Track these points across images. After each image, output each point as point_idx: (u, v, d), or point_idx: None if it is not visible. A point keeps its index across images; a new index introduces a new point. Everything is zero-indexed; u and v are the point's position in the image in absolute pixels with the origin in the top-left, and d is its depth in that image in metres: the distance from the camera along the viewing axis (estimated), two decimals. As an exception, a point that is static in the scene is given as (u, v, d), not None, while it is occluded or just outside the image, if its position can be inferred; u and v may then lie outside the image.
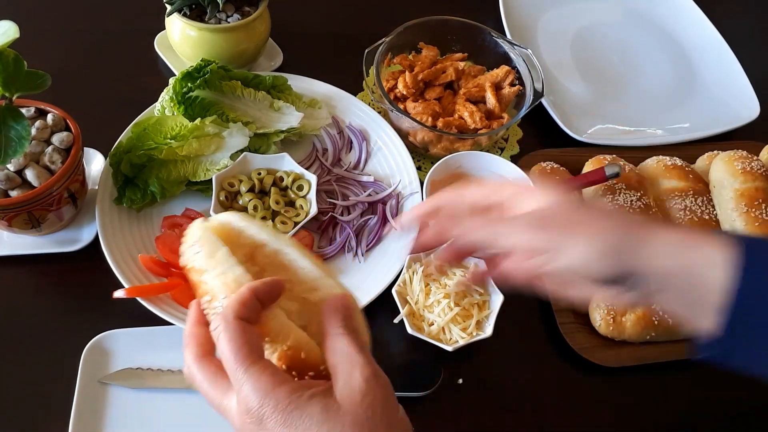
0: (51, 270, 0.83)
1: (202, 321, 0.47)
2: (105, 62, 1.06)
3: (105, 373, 0.75)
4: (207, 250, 0.48)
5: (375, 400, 0.40)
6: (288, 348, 0.44)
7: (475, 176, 0.93)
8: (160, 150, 0.83)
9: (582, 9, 1.27)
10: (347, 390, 0.40)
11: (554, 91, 1.11)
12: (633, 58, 1.21)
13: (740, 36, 1.26)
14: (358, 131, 0.98)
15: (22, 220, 0.76)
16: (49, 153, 0.76)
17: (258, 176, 0.87)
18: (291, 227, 0.83)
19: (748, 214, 0.84)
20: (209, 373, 0.44)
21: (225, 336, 0.41)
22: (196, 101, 0.86)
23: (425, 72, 1.00)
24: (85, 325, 0.77)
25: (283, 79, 0.96)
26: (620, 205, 0.87)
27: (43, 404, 0.73)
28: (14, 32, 0.68)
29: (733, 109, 1.13)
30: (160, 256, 0.82)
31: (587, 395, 0.82)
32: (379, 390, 0.40)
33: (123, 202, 0.83)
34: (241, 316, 0.42)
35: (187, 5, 0.93)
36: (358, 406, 0.39)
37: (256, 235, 0.51)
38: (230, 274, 0.46)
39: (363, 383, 0.40)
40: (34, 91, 0.70)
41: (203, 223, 0.50)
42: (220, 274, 0.46)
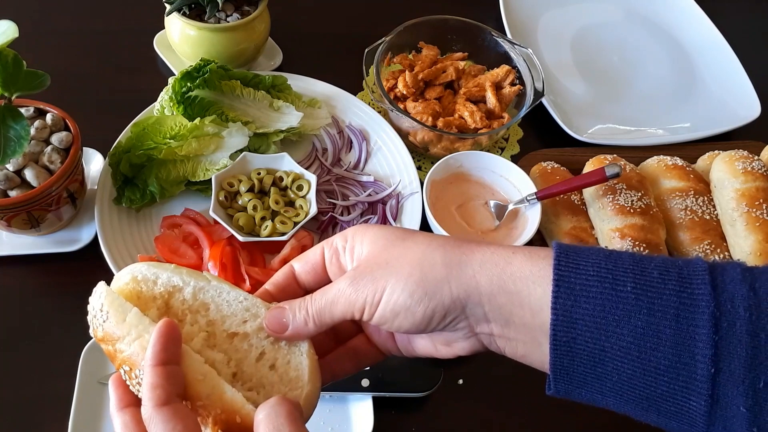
0: (50, 270, 0.83)
1: (128, 401, 0.44)
2: (104, 62, 1.06)
3: (105, 373, 0.74)
4: (115, 316, 0.44)
5: None
6: (221, 412, 0.42)
7: (475, 176, 0.93)
8: (160, 150, 0.83)
9: (582, 9, 1.26)
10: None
11: (555, 91, 1.11)
12: (633, 57, 1.21)
13: (741, 35, 1.26)
14: (358, 131, 0.98)
15: (22, 220, 0.76)
16: (49, 153, 0.76)
17: (257, 176, 0.86)
18: (291, 227, 0.83)
19: (749, 214, 0.84)
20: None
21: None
22: (195, 101, 0.86)
23: (425, 71, 1.00)
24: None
25: (283, 79, 0.96)
26: (621, 205, 0.86)
27: (43, 404, 0.73)
28: (14, 32, 0.68)
29: (733, 108, 1.13)
30: (159, 256, 0.81)
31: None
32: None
33: (122, 202, 0.83)
34: (160, 400, 0.40)
35: (186, 5, 0.93)
36: None
37: (169, 281, 0.48)
38: (146, 336, 0.43)
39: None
40: (34, 91, 0.70)
41: (105, 287, 0.46)
42: (136, 338, 0.43)
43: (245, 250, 0.83)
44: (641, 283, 0.40)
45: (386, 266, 0.44)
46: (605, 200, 0.87)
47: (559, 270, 0.41)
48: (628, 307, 0.40)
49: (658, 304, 0.39)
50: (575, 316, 0.40)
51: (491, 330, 0.44)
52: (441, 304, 0.43)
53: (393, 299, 0.43)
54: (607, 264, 0.41)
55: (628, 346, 0.40)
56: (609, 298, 0.40)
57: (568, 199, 0.91)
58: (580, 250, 0.43)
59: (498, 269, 0.43)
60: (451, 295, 0.43)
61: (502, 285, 0.42)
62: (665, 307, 0.39)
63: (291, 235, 0.82)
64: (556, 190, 0.87)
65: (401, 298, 0.43)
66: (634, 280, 0.40)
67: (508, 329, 0.43)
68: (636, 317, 0.39)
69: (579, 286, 0.41)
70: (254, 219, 0.83)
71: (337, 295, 0.45)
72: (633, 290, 0.40)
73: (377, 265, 0.45)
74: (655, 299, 0.40)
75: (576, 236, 0.88)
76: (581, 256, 0.42)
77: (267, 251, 0.85)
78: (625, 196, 0.87)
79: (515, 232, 0.88)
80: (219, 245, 0.80)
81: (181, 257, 0.81)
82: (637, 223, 0.86)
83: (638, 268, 0.41)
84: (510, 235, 0.88)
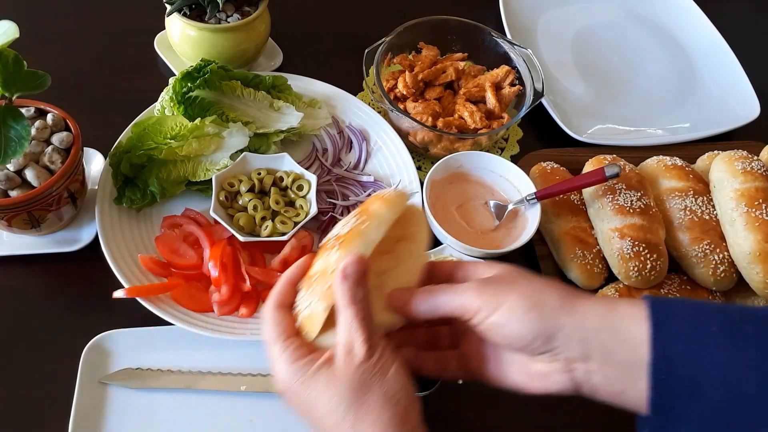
0: (51, 270, 0.83)
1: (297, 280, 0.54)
2: (105, 62, 1.06)
3: (105, 374, 0.75)
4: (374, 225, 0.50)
5: (365, 371, 0.47)
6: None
7: (475, 176, 0.93)
8: (160, 150, 0.83)
9: (582, 9, 1.27)
10: (343, 362, 0.47)
11: (554, 91, 1.11)
12: (633, 57, 1.21)
13: (740, 36, 1.26)
14: (358, 131, 0.98)
15: (22, 220, 0.76)
16: (49, 153, 0.76)
17: (258, 176, 0.87)
18: (291, 227, 0.83)
19: (749, 214, 0.84)
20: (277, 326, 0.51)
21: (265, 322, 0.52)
22: (195, 101, 0.86)
23: (425, 72, 1.00)
24: (85, 325, 0.77)
25: (283, 79, 0.96)
26: (620, 205, 0.87)
27: (43, 404, 0.73)
28: (14, 32, 0.68)
29: (733, 108, 1.13)
30: (160, 256, 0.82)
31: (587, 395, 0.82)
32: (371, 362, 0.47)
33: (123, 202, 0.83)
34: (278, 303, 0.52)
35: (187, 5, 0.93)
36: (352, 375, 0.47)
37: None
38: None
39: (358, 356, 0.47)
40: (34, 91, 0.70)
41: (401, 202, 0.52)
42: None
43: (245, 250, 0.83)
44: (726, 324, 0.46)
45: (512, 285, 0.50)
46: (605, 200, 0.87)
47: (655, 311, 0.47)
48: (716, 342, 0.45)
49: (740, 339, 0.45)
50: (671, 353, 0.45)
51: (589, 367, 0.48)
52: (549, 327, 0.48)
53: (510, 310, 0.48)
54: (695, 308, 0.48)
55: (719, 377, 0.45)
56: (699, 338, 0.46)
57: (568, 199, 0.91)
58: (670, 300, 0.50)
59: (604, 309, 0.48)
60: (560, 323, 0.48)
61: (607, 323, 0.48)
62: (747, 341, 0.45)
63: (291, 235, 0.82)
64: (555, 189, 0.87)
65: (518, 312, 0.48)
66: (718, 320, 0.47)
67: (606, 366, 0.48)
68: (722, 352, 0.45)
69: (674, 327, 0.46)
70: (254, 219, 0.83)
71: (461, 290, 0.50)
72: (719, 330, 0.46)
73: (504, 282, 0.50)
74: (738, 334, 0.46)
75: (576, 236, 0.88)
76: (673, 302, 0.49)
77: (267, 251, 0.85)
78: (624, 196, 0.87)
79: (515, 232, 0.88)
80: (219, 245, 0.80)
81: (182, 257, 0.81)
82: (637, 223, 0.86)
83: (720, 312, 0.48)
84: (510, 235, 0.88)
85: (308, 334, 0.50)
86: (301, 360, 0.48)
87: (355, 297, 0.47)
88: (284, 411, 0.75)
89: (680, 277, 0.88)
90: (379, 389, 0.47)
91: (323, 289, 0.49)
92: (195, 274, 0.81)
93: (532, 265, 0.90)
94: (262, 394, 0.75)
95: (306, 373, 0.48)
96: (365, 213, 0.52)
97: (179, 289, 0.78)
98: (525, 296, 0.49)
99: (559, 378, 0.50)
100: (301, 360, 0.48)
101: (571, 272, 0.88)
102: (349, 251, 0.48)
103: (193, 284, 0.80)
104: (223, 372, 0.76)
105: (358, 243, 0.49)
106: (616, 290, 0.86)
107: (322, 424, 0.48)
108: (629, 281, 0.85)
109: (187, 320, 0.76)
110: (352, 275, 0.47)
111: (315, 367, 0.48)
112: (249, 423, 0.74)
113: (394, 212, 0.51)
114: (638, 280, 0.85)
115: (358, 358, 0.47)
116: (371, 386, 0.47)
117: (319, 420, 0.48)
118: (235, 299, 0.79)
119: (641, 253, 0.84)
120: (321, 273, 0.50)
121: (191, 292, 0.79)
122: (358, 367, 0.47)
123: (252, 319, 0.78)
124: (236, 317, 0.78)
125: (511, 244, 0.84)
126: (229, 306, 0.78)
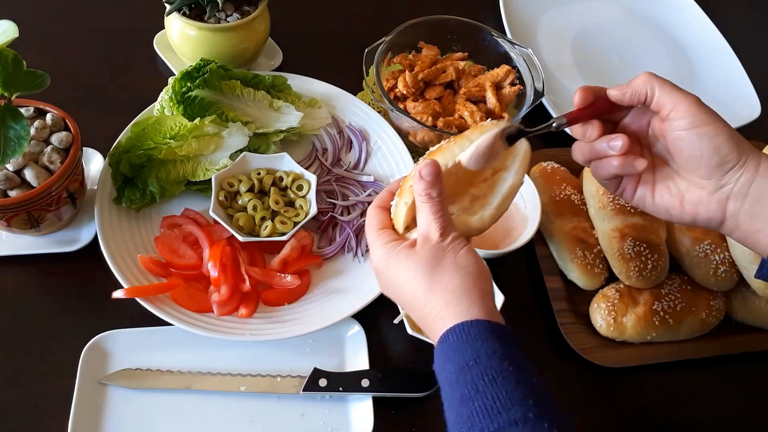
0: (50, 270, 0.83)
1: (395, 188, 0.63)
2: (104, 62, 1.05)
3: (104, 374, 0.75)
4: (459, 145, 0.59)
5: (439, 249, 0.56)
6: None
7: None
8: (160, 150, 0.83)
9: (582, 9, 1.26)
10: (421, 244, 0.56)
11: (554, 91, 1.11)
12: (633, 57, 1.21)
13: (741, 35, 1.26)
14: (357, 131, 0.98)
15: (21, 220, 0.76)
16: (48, 153, 0.76)
17: (257, 176, 0.86)
18: (291, 227, 0.83)
19: (749, 214, 0.84)
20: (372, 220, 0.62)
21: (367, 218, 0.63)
22: (195, 101, 0.86)
23: (425, 71, 1.00)
24: (85, 326, 0.77)
25: (283, 79, 0.96)
26: (621, 205, 0.87)
27: (43, 404, 0.73)
28: (14, 32, 0.68)
29: (733, 108, 1.13)
30: (159, 256, 0.81)
31: (587, 395, 0.82)
32: (444, 243, 0.56)
33: (122, 202, 0.83)
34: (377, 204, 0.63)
35: (186, 5, 0.93)
36: (428, 252, 0.56)
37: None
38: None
39: (433, 239, 0.56)
40: (34, 91, 0.70)
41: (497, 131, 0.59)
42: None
43: (245, 250, 0.83)
44: None
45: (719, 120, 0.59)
46: (606, 200, 0.87)
47: None
48: None
49: None
50: None
51: (743, 205, 0.59)
52: (737, 158, 0.59)
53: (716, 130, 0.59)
54: None
55: None
56: None
57: (569, 199, 0.91)
58: None
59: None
60: (744, 160, 0.59)
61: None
62: None
63: (291, 235, 0.82)
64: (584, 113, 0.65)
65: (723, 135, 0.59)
66: None
67: (756, 207, 0.58)
68: None
69: None
70: (254, 219, 0.83)
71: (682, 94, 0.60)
72: None
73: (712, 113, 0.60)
74: None
75: (576, 236, 0.88)
76: None
77: (267, 251, 0.85)
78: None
79: (515, 233, 0.88)
80: (219, 245, 0.80)
81: (181, 257, 0.81)
82: (638, 223, 0.86)
83: None
84: (510, 236, 0.88)
85: (398, 227, 0.60)
86: (390, 243, 0.58)
87: (430, 194, 0.56)
88: (284, 411, 0.75)
89: (681, 277, 0.88)
90: (450, 262, 0.55)
91: (407, 188, 0.59)
92: (194, 275, 0.81)
93: (532, 265, 0.90)
94: (261, 394, 0.75)
95: (392, 252, 0.57)
96: (459, 136, 0.60)
97: (179, 290, 0.78)
98: (728, 131, 0.59)
99: (711, 207, 0.60)
100: (390, 243, 0.58)
101: (572, 272, 0.88)
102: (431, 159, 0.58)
103: (193, 284, 0.80)
104: (223, 372, 0.76)
105: (440, 156, 0.59)
106: (617, 290, 0.86)
107: (404, 294, 0.57)
108: (630, 281, 0.85)
109: (187, 320, 0.75)
110: (427, 176, 0.56)
111: (400, 248, 0.57)
112: (249, 423, 0.74)
113: (481, 136, 0.58)
114: (639, 280, 0.84)
115: (433, 240, 0.56)
116: (443, 260, 0.56)
117: (402, 291, 0.57)
118: (235, 299, 0.78)
119: (642, 253, 0.84)
120: (408, 178, 0.61)
121: (191, 292, 0.79)
122: (433, 247, 0.56)
123: (252, 320, 0.78)
124: (236, 317, 0.78)
125: (511, 244, 0.84)
126: (228, 306, 0.78)
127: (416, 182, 0.56)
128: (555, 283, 0.87)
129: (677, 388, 0.84)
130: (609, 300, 0.84)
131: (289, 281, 0.80)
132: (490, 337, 0.51)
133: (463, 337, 0.51)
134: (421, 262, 0.56)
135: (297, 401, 0.76)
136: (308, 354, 0.79)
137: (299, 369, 0.77)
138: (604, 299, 0.85)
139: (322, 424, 0.74)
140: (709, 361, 0.85)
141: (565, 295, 0.87)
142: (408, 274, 0.56)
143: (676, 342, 0.85)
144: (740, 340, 0.87)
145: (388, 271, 0.57)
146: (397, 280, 0.57)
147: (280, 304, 0.81)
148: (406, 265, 0.56)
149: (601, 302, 0.85)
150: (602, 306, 0.84)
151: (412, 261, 0.56)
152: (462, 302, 0.54)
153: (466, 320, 0.52)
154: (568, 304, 0.86)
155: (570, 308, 0.85)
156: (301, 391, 0.75)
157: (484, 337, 0.51)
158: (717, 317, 0.86)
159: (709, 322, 0.85)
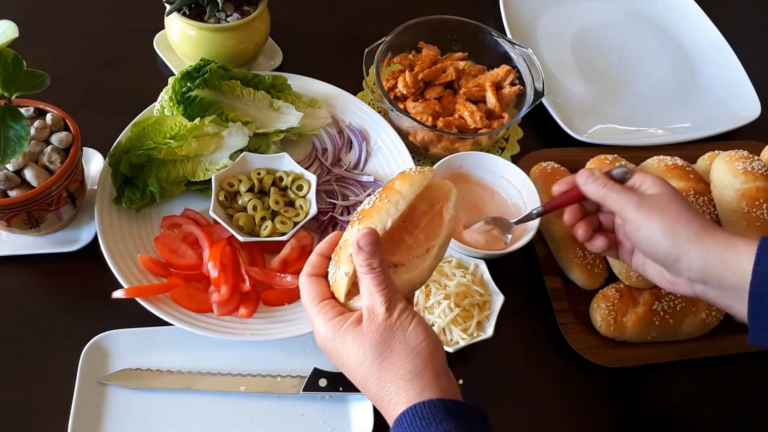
0: (50, 270, 0.83)
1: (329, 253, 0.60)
2: (104, 62, 1.05)
3: (104, 374, 0.75)
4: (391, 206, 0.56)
5: (387, 327, 0.53)
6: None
7: (475, 177, 0.93)
8: (160, 150, 0.83)
9: (582, 9, 1.26)
10: (367, 321, 0.54)
11: (555, 91, 1.11)
12: (634, 57, 1.21)
13: (741, 35, 1.26)
14: (357, 131, 0.97)
15: (21, 220, 0.76)
16: (48, 153, 0.76)
17: (257, 176, 0.86)
18: (291, 227, 0.83)
19: (749, 214, 0.84)
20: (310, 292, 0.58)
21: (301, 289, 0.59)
22: (195, 101, 0.86)
23: (425, 71, 1.00)
24: (85, 326, 0.77)
25: (283, 79, 0.96)
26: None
27: (43, 404, 0.73)
28: (14, 32, 0.68)
29: (734, 108, 1.13)
30: (159, 256, 0.81)
31: (587, 395, 0.82)
32: (392, 320, 0.53)
33: (122, 202, 0.83)
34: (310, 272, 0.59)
35: (186, 5, 0.93)
36: (376, 332, 0.53)
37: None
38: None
39: (379, 315, 0.53)
40: (34, 91, 0.70)
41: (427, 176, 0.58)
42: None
43: (245, 250, 0.83)
44: None
45: (661, 211, 0.64)
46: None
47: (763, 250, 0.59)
48: None
49: None
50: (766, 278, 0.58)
51: (705, 287, 0.63)
52: (677, 253, 0.63)
53: (652, 231, 0.64)
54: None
55: None
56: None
57: (568, 199, 0.91)
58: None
59: (724, 247, 0.61)
60: (687, 252, 0.63)
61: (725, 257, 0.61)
62: None
63: (291, 235, 0.82)
64: (560, 200, 0.75)
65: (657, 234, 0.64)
66: None
67: (718, 289, 0.62)
68: None
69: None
70: (254, 219, 0.83)
71: (626, 197, 0.66)
72: None
73: (657, 204, 0.65)
74: None
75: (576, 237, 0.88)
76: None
77: (267, 251, 0.85)
78: (625, 196, 0.86)
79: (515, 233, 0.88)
80: (219, 245, 0.80)
81: (181, 257, 0.81)
82: (637, 223, 0.86)
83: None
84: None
85: (339, 297, 0.56)
86: (333, 319, 0.55)
87: (371, 264, 0.53)
88: (284, 411, 0.75)
89: (681, 278, 0.88)
90: (400, 343, 0.53)
91: (346, 257, 0.55)
92: (194, 275, 0.81)
93: (532, 265, 0.90)
94: (261, 394, 0.75)
95: (338, 331, 0.54)
96: (388, 190, 0.57)
97: (179, 290, 0.78)
98: (666, 224, 0.63)
99: (682, 287, 0.66)
100: (334, 319, 0.55)
101: (572, 272, 0.88)
102: (367, 225, 0.54)
103: (193, 284, 0.80)
104: (223, 372, 0.76)
105: (376, 218, 0.55)
106: (617, 290, 0.86)
107: (355, 377, 0.55)
108: (630, 281, 0.85)
109: (187, 320, 0.75)
110: (366, 246, 0.53)
111: (345, 325, 0.54)
112: (249, 423, 0.74)
113: (413, 190, 0.56)
114: (639, 280, 0.84)
115: (380, 317, 0.53)
116: (392, 341, 0.53)
117: (353, 374, 0.55)
118: (235, 299, 0.78)
119: (642, 253, 0.84)
120: (344, 244, 0.57)
121: (190, 292, 0.79)
122: (379, 326, 0.53)
123: (251, 320, 0.78)
124: (236, 317, 0.78)
125: (511, 245, 0.84)
126: (228, 306, 0.78)
127: (356, 253, 0.53)
128: (555, 283, 0.87)
129: (677, 388, 0.84)
130: (609, 300, 0.84)
131: (289, 281, 0.80)
132: (445, 418, 0.50)
133: (417, 421, 0.50)
134: (369, 345, 0.53)
135: (297, 401, 0.76)
136: (308, 354, 0.79)
137: (299, 369, 0.77)
138: (604, 299, 0.85)
139: (322, 424, 0.75)
140: (709, 361, 0.85)
141: (565, 295, 0.87)
142: (357, 359, 0.54)
143: (676, 342, 0.85)
144: (740, 340, 0.87)
145: (336, 351, 0.55)
146: (347, 363, 0.55)
147: (280, 304, 0.81)
148: (354, 348, 0.54)
149: (601, 302, 0.85)
150: (602, 306, 0.84)
151: (359, 344, 0.53)
152: (415, 386, 0.52)
153: (419, 401, 0.51)
154: (568, 304, 0.86)
155: (570, 308, 0.85)
156: (301, 391, 0.75)
157: (438, 419, 0.50)
158: (717, 317, 0.86)
159: (709, 322, 0.85)
